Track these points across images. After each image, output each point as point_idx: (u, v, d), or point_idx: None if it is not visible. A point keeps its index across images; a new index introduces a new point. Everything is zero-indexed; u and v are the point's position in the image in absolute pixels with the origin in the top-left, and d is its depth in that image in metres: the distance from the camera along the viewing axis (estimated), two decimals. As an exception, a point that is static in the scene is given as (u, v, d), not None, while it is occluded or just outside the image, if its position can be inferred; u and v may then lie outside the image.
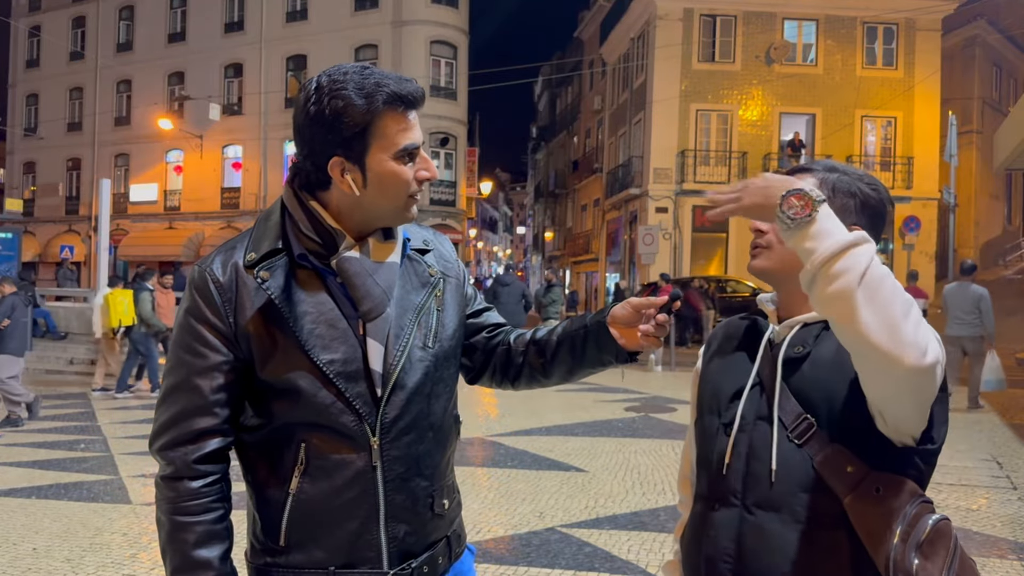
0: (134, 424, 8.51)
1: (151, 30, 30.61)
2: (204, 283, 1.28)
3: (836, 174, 1.35)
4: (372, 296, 1.29)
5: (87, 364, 13.52)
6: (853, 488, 1.21)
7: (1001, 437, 7.63)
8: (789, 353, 1.29)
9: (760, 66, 23.39)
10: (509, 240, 78.10)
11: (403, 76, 1.29)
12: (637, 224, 24.08)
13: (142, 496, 5.50)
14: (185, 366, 1.28)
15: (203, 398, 1.26)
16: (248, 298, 1.27)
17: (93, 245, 25.10)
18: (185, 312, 1.30)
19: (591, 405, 9.45)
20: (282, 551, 1.29)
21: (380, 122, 1.25)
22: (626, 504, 5.23)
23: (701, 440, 1.42)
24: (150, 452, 1.32)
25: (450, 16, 26.57)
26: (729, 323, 1.51)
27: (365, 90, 1.23)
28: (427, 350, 1.35)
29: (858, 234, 1.10)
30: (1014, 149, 13.68)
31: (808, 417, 1.24)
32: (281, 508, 1.28)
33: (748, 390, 1.33)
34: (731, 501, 1.31)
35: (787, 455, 1.25)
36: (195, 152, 28.88)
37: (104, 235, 15.91)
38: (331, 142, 1.25)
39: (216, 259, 1.31)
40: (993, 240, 29.85)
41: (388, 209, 1.31)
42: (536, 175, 53.29)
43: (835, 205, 1.29)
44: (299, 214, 1.31)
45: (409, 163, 1.28)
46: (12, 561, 4.17)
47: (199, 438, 1.27)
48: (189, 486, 1.26)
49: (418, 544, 1.34)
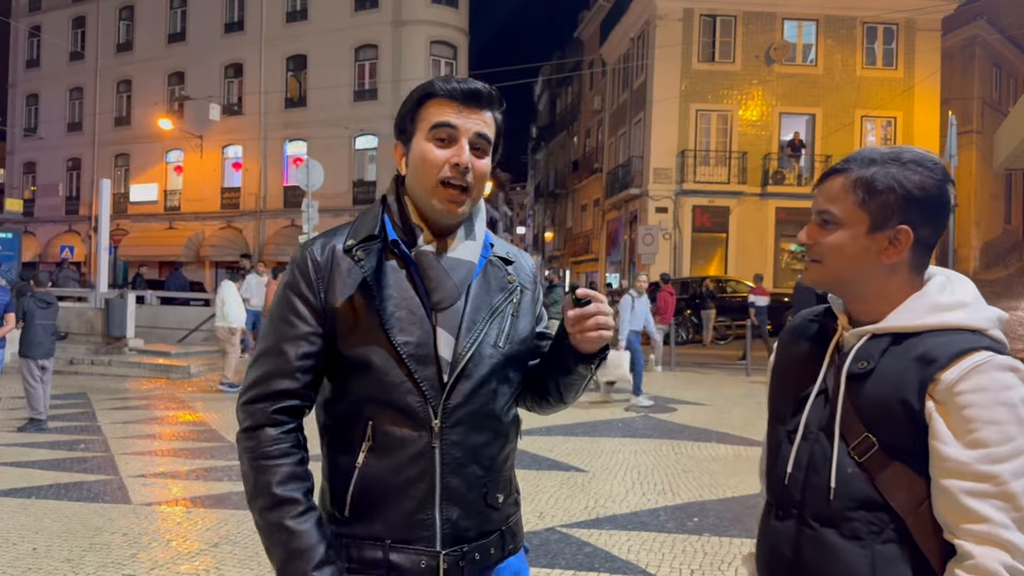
0: (134, 424, 8.51)
1: (151, 30, 30.61)
2: (304, 261, 1.39)
3: (875, 167, 1.25)
4: (443, 288, 1.38)
5: (87, 364, 13.53)
6: (917, 506, 1.18)
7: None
8: (853, 368, 1.24)
9: (760, 66, 23.39)
10: (509, 240, 78.06)
11: (472, 80, 1.42)
12: (637, 224, 24.07)
13: (142, 496, 5.50)
14: (276, 333, 1.38)
15: (288, 362, 1.36)
16: (341, 277, 1.37)
17: (93, 245, 25.07)
18: (284, 286, 1.41)
19: (591, 405, 9.44)
20: (347, 521, 1.37)
21: (425, 108, 1.39)
22: (626, 504, 5.23)
23: (769, 446, 1.41)
24: (236, 410, 1.41)
25: (450, 16, 26.57)
26: (799, 323, 1.45)
27: (429, 82, 1.41)
28: (498, 348, 1.43)
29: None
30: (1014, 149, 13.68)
31: (870, 436, 1.21)
32: (348, 480, 1.36)
33: (813, 398, 1.30)
34: (791, 512, 1.30)
35: (846, 471, 1.22)
36: (195, 152, 28.87)
37: (104, 235, 15.92)
38: (396, 128, 1.45)
39: (318, 241, 1.43)
40: (993, 240, 29.84)
41: (421, 193, 1.40)
42: (536, 175, 53.26)
43: (874, 205, 1.24)
44: (395, 205, 1.44)
45: (444, 147, 1.37)
46: (12, 561, 4.17)
47: (280, 396, 1.36)
48: (269, 433, 1.35)
49: (471, 531, 1.39)
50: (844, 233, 1.26)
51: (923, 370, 1.17)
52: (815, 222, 1.30)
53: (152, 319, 15.99)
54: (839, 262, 1.27)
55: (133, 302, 14.83)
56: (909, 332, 1.22)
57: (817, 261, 1.30)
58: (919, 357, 1.19)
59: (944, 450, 1.14)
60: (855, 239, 1.25)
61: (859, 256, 1.26)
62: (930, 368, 1.17)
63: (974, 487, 1.11)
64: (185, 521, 4.96)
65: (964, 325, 1.21)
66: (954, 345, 1.17)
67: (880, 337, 1.24)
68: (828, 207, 1.28)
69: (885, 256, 1.25)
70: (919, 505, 1.18)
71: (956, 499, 1.13)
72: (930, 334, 1.21)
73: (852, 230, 1.26)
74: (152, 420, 8.83)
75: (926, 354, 1.18)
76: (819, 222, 1.29)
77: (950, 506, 1.14)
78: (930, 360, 1.17)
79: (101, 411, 9.32)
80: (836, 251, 1.27)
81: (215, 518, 4.95)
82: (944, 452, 1.14)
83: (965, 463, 1.12)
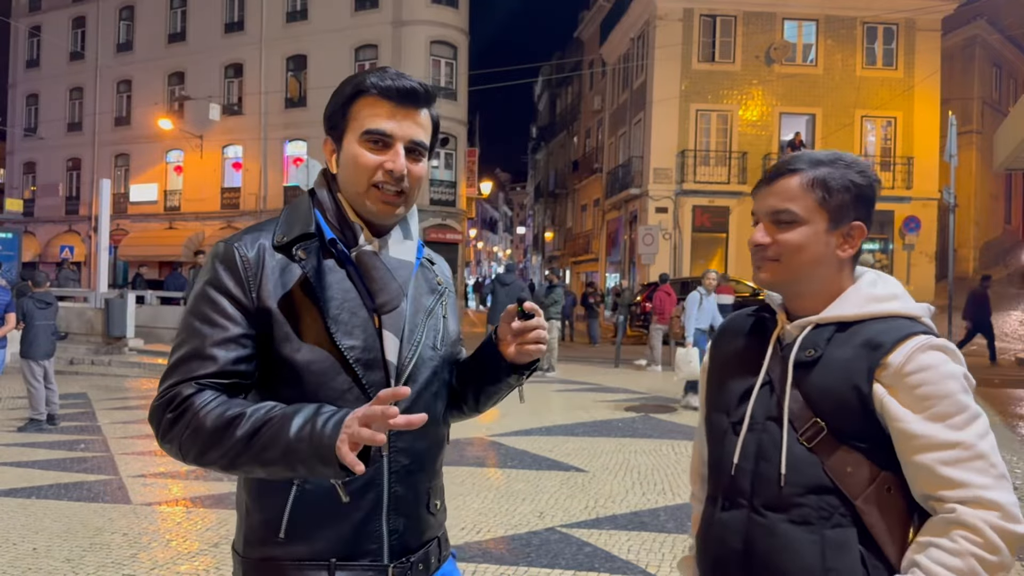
0: (134, 424, 8.51)
1: (151, 30, 30.61)
2: (231, 256, 1.28)
3: (825, 168, 1.31)
4: (389, 289, 1.32)
5: (87, 364, 13.53)
6: (865, 488, 1.21)
7: (1001, 437, 7.63)
8: (800, 356, 1.28)
9: (760, 66, 23.39)
10: (509, 240, 78.09)
11: (407, 75, 1.33)
12: (637, 224, 24.08)
13: (142, 496, 5.50)
14: (200, 336, 1.24)
15: (217, 367, 1.23)
16: (273, 277, 1.28)
17: (93, 245, 25.10)
18: (205, 283, 1.28)
19: (591, 405, 9.44)
20: (282, 543, 1.27)
21: (356, 105, 1.32)
22: (626, 504, 5.23)
23: (710, 439, 1.41)
24: (151, 419, 1.25)
25: (450, 16, 26.56)
26: (735, 318, 1.49)
27: (362, 75, 1.32)
28: (436, 351, 1.40)
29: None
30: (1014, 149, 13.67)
31: (818, 421, 1.24)
32: (284, 498, 1.26)
33: (758, 390, 1.32)
34: (739, 502, 1.31)
35: (796, 457, 1.25)
36: (195, 152, 28.87)
37: (104, 235, 15.94)
38: (326, 122, 1.36)
39: (243, 237, 1.32)
40: (993, 240, 29.84)
41: (352, 194, 1.34)
42: (536, 175, 53.28)
43: (832, 204, 1.29)
44: (328, 202, 1.36)
45: (378, 151, 1.31)
46: (12, 561, 4.17)
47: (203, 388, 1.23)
48: (197, 393, 1.21)
49: (414, 540, 1.35)
50: (806, 230, 1.30)
51: (870, 355, 1.23)
52: (770, 221, 1.33)
53: (152, 319, 15.98)
54: (800, 259, 1.30)
55: (133, 302, 14.84)
56: (851, 321, 1.28)
57: (775, 260, 1.32)
58: (865, 343, 1.24)
59: (910, 427, 1.19)
60: (817, 235, 1.30)
61: (820, 252, 1.30)
62: (876, 353, 1.22)
63: (948, 455, 1.17)
64: (185, 521, 4.95)
65: (901, 313, 1.28)
66: (896, 331, 1.24)
67: (823, 327, 1.29)
68: (787, 206, 1.30)
69: (841, 251, 1.31)
70: (867, 487, 1.22)
71: (934, 471, 1.17)
72: (871, 322, 1.27)
73: (814, 227, 1.30)
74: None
75: (871, 340, 1.24)
76: (775, 221, 1.32)
77: (929, 479, 1.18)
78: (876, 345, 1.23)
79: (101, 411, 9.32)
80: (798, 248, 1.30)
81: (215, 518, 4.95)
82: (911, 429, 1.19)
83: (933, 435, 1.17)
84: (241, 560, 1.33)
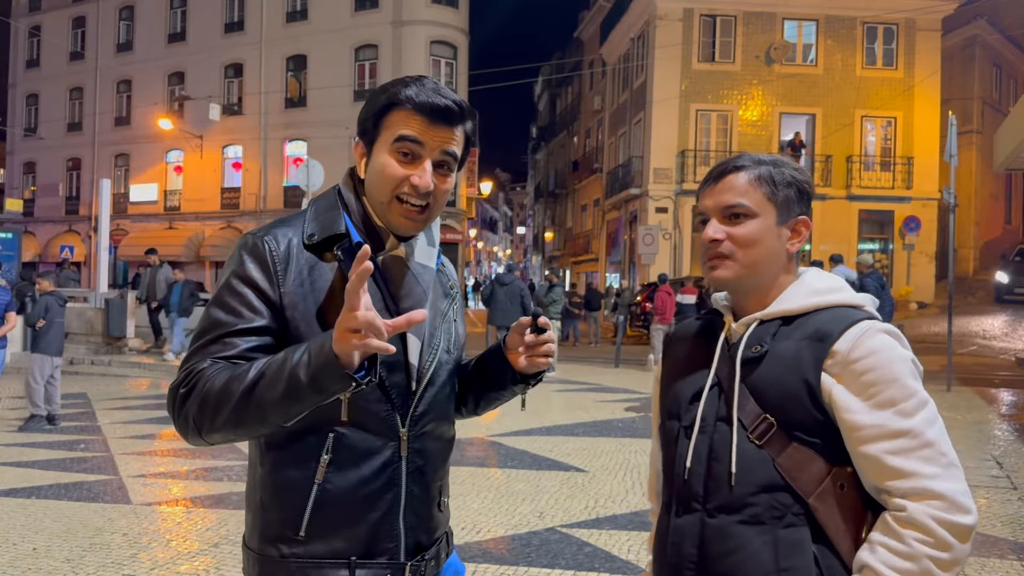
0: (134, 424, 8.51)
1: (151, 30, 30.62)
2: (260, 249, 1.27)
3: (766, 167, 1.32)
4: (414, 294, 1.34)
5: (87, 364, 13.53)
6: (817, 485, 1.19)
7: (1001, 437, 7.63)
8: (747, 353, 1.27)
9: (760, 66, 23.39)
10: (509, 240, 78.08)
11: (443, 89, 1.31)
12: (637, 224, 24.08)
13: (142, 496, 5.50)
14: (222, 326, 1.24)
15: (235, 351, 1.22)
16: (300, 274, 1.27)
17: (93, 245, 25.10)
18: (232, 274, 1.27)
19: (591, 405, 9.44)
20: (301, 542, 1.27)
21: (390, 116, 1.30)
22: (626, 504, 5.23)
23: (664, 445, 1.40)
24: (167, 404, 1.25)
25: (450, 16, 26.57)
26: (684, 324, 1.49)
27: (399, 85, 1.31)
28: (450, 354, 1.43)
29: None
30: (1014, 149, 13.66)
31: (768, 417, 1.22)
32: (304, 498, 1.26)
33: (707, 391, 1.30)
34: (693, 506, 1.28)
35: (747, 456, 1.23)
36: (195, 152, 28.88)
37: (104, 235, 15.94)
38: (359, 125, 1.35)
39: (272, 231, 1.31)
40: (993, 240, 29.84)
41: (377, 203, 1.33)
42: (536, 175, 53.28)
43: (780, 198, 1.31)
44: (354, 204, 1.36)
45: (406, 164, 1.29)
46: (12, 561, 4.17)
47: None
48: (209, 366, 1.20)
49: (427, 537, 1.38)
50: (759, 222, 1.30)
51: (817, 346, 1.22)
52: (721, 216, 1.32)
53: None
54: (755, 252, 1.30)
55: (133, 302, 14.83)
56: (795, 314, 1.28)
57: (727, 256, 1.30)
58: (811, 335, 1.23)
59: (855, 419, 1.17)
60: (769, 229, 1.30)
61: (772, 245, 1.31)
62: (824, 344, 1.21)
63: (895, 445, 1.15)
64: (185, 521, 4.95)
65: (845, 303, 1.28)
66: (842, 319, 1.23)
67: (768, 323, 1.29)
68: (739, 200, 1.30)
69: (790, 244, 1.33)
70: (819, 483, 1.19)
71: (881, 462, 1.16)
72: (815, 314, 1.27)
73: (765, 220, 1.30)
74: (152, 420, 8.82)
75: (818, 331, 1.23)
76: (728, 216, 1.31)
77: (877, 470, 1.17)
78: (823, 336, 1.22)
79: (101, 411, 9.32)
80: (753, 241, 1.29)
81: (215, 518, 4.95)
82: (856, 420, 1.17)
83: (879, 424, 1.16)
84: (257, 557, 1.31)
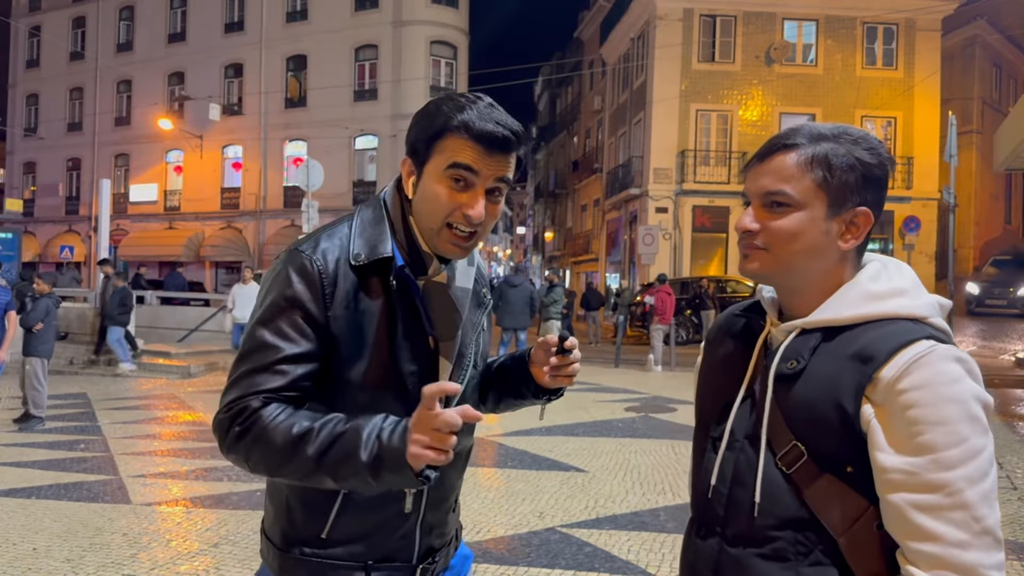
0: (134, 424, 8.51)
1: (151, 30, 30.61)
2: (310, 270, 1.24)
3: (828, 143, 1.12)
4: (452, 321, 1.35)
5: (87, 364, 13.52)
6: (851, 524, 1.05)
7: (1001, 437, 7.62)
8: (781, 369, 1.11)
9: (760, 66, 23.39)
10: (509, 240, 78.08)
11: (500, 115, 1.27)
12: (637, 224, 24.07)
13: (142, 496, 5.50)
14: (272, 350, 1.21)
15: (286, 380, 1.21)
16: (348, 296, 1.25)
17: (93, 245, 25.06)
18: (281, 295, 1.24)
19: (591, 405, 9.43)
20: (323, 543, 1.30)
21: (448, 139, 1.24)
22: (626, 504, 5.23)
23: (694, 452, 1.28)
24: (215, 432, 1.24)
25: (450, 16, 26.56)
26: (726, 319, 1.32)
27: (454, 109, 1.24)
28: (476, 368, 1.43)
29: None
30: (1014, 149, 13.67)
31: (798, 445, 1.07)
32: (331, 503, 1.29)
33: (738, 404, 1.17)
34: (714, 530, 1.17)
35: (773, 484, 1.09)
36: (195, 152, 28.87)
37: (104, 235, 15.93)
38: (408, 146, 1.30)
39: (318, 247, 1.27)
40: (993, 240, 29.85)
41: (426, 228, 1.30)
42: (536, 175, 53.26)
43: (834, 186, 1.11)
44: (399, 224, 1.32)
45: (459, 192, 1.25)
46: (12, 561, 4.17)
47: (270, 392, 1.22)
48: (263, 408, 1.19)
49: (439, 539, 1.41)
50: (802, 215, 1.11)
51: (860, 370, 1.04)
52: (760, 204, 1.15)
53: (152, 319, 16.00)
54: (794, 248, 1.12)
55: (133, 302, 14.81)
56: (841, 326, 1.10)
57: (763, 248, 1.14)
58: (855, 355, 1.06)
59: (887, 460, 1.01)
60: (815, 222, 1.11)
61: (817, 241, 1.12)
62: (867, 367, 1.04)
63: (924, 500, 0.99)
64: (185, 521, 4.95)
65: (902, 314, 1.08)
66: (892, 338, 1.04)
67: (810, 333, 1.11)
68: (781, 187, 1.12)
69: (843, 241, 1.13)
70: (853, 523, 1.05)
71: (904, 515, 1.00)
72: (865, 327, 1.08)
73: (811, 212, 1.11)
74: (152, 420, 8.83)
75: (862, 351, 1.05)
76: (767, 204, 1.14)
77: (899, 524, 1.02)
78: (867, 358, 1.04)
79: (101, 411, 9.31)
80: (792, 236, 1.12)
81: (215, 518, 4.95)
82: (887, 463, 1.01)
83: (912, 472, 0.99)
84: (278, 552, 1.34)
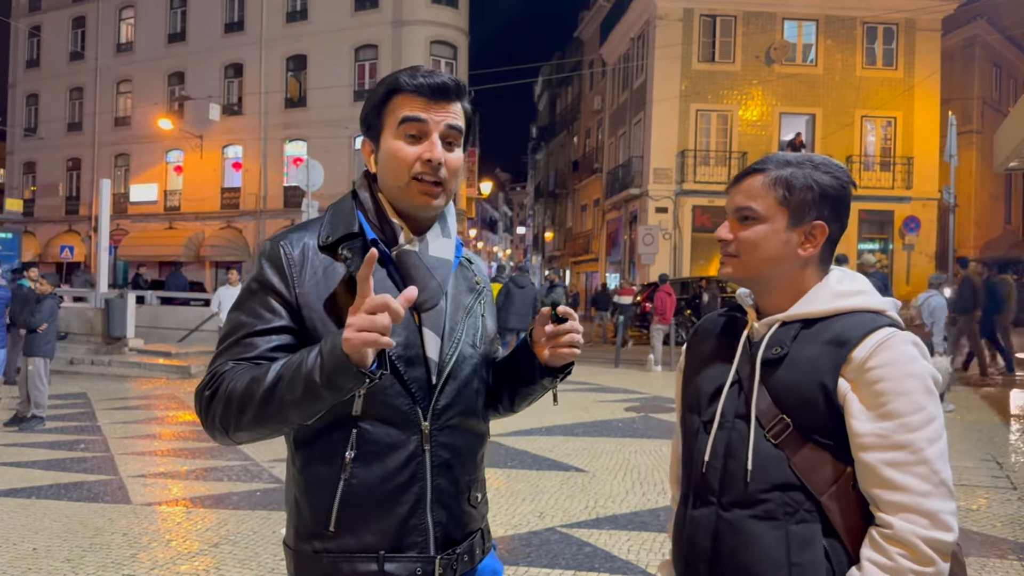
0: (134, 424, 8.51)
1: (151, 30, 30.60)
2: (276, 254, 1.33)
3: (790, 168, 1.34)
4: (428, 288, 1.35)
5: (87, 364, 13.53)
6: (830, 485, 1.23)
7: (1001, 437, 7.62)
8: (767, 354, 1.30)
9: (760, 66, 23.39)
10: (509, 240, 78.08)
11: (437, 71, 1.37)
12: (637, 224, 24.08)
13: (142, 496, 5.50)
14: (243, 327, 1.30)
15: (256, 351, 1.28)
16: (315, 275, 1.32)
17: (93, 245, 25.09)
18: (252, 279, 1.35)
19: (591, 405, 9.44)
20: (332, 536, 1.30)
21: (391, 104, 1.36)
22: (626, 504, 5.23)
23: (684, 438, 1.44)
24: (195, 406, 1.31)
25: (450, 16, 26.57)
26: (708, 319, 1.52)
27: (393, 76, 1.36)
28: (476, 349, 1.43)
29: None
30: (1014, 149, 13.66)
31: (784, 418, 1.26)
32: (332, 493, 1.29)
33: (727, 388, 1.34)
34: (708, 500, 1.32)
35: (763, 454, 1.26)
36: (195, 152, 28.87)
37: (104, 235, 15.92)
38: (362, 124, 1.40)
39: (289, 236, 1.37)
40: (993, 240, 29.84)
41: (394, 189, 1.36)
42: (536, 175, 53.27)
43: (793, 202, 1.32)
44: (369, 202, 1.39)
45: (415, 143, 1.34)
46: (12, 561, 4.17)
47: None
48: (232, 369, 1.26)
49: (458, 532, 1.39)
50: (765, 227, 1.33)
51: (836, 352, 1.24)
52: (734, 218, 1.37)
53: (152, 319, 15.99)
54: (759, 255, 1.33)
55: (133, 302, 14.83)
56: (816, 317, 1.30)
57: (735, 256, 1.36)
58: (831, 340, 1.26)
59: (860, 426, 1.21)
60: (776, 233, 1.32)
61: (778, 249, 1.33)
62: (843, 349, 1.24)
63: (893, 457, 1.18)
64: (185, 521, 4.96)
65: (867, 308, 1.30)
66: (862, 325, 1.26)
67: (790, 324, 1.32)
68: (749, 203, 1.34)
69: (802, 249, 1.33)
70: (832, 484, 1.23)
71: (876, 471, 1.19)
72: (836, 318, 1.29)
73: (773, 225, 1.33)
74: (152, 420, 8.83)
75: (838, 336, 1.26)
76: (739, 218, 1.36)
77: (872, 479, 1.20)
78: (842, 341, 1.25)
79: (101, 411, 9.32)
80: (756, 245, 1.33)
81: (215, 518, 4.95)
82: (860, 428, 1.21)
83: (882, 435, 1.19)
84: (292, 553, 1.35)
